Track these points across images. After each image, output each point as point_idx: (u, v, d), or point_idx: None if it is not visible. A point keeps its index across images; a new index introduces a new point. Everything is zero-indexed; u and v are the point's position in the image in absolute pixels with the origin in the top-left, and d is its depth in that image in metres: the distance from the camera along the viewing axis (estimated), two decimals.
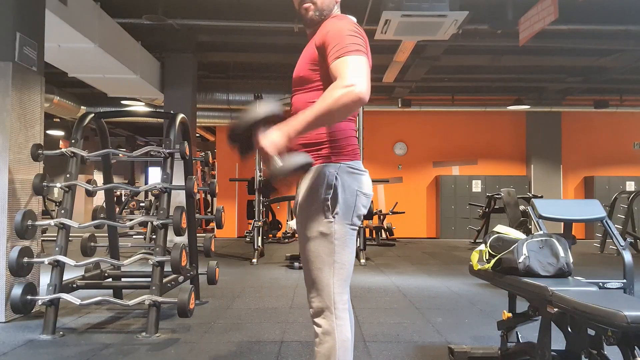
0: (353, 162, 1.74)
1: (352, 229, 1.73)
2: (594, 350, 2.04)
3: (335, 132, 1.72)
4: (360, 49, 1.58)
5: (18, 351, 3.08)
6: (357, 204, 1.72)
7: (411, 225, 11.96)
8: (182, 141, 4.02)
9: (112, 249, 4.46)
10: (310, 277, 1.73)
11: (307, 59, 1.75)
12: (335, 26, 1.66)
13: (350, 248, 1.74)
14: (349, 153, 1.74)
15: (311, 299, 1.73)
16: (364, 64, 1.56)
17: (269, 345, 3.23)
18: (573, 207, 2.85)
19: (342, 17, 1.75)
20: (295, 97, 1.79)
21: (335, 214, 1.68)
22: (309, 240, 1.72)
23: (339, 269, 1.70)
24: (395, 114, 11.75)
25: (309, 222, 1.71)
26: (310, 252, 1.72)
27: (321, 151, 1.72)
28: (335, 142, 1.72)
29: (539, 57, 8.33)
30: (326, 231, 1.69)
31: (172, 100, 8.06)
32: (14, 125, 3.86)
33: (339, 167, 1.71)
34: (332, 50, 1.59)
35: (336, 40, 1.59)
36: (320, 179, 1.69)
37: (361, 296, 4.84)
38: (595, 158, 12.35)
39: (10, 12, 3.87)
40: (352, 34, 1.62)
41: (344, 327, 1.69)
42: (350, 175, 1.72)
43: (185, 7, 6.55)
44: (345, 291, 1.73)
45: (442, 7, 5.03)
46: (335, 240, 1.69)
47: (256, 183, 7.94)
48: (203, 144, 16.85)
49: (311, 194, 1.71)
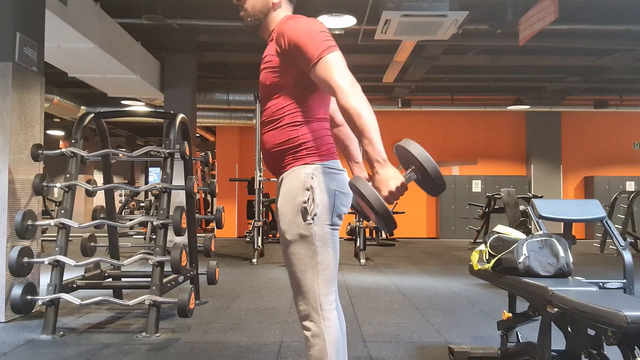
0: (330, 162, 1.73)
1: (332, 229, 1.71)
2: (594, 350, 2.04)
3: (307, 133, 1.72)
4: (333, 44, 1.62)
5: (18, 351, 3.08)
6: (336, 203, 1.71)
7: (411, 225, 11.96)
8: (182, 141, 4.02)
9: (112, 249, 4.46)
10: (295, 280, 1.72)
11: (269, 66, 1.74)
12: (302, 26, 1.65)
13: (333, 248, 1.72)
14: (325, 153, 1.73)
15: (297, 302, 1.72)
16: (340, 58, 1.60)
17: (268, 345, 3.23)
18: (573, 207, 2.85)
19: (299, 16, 1.74)
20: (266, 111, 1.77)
21: (313, 215, 1.67)
22: (290, 244, 1.70)
23: (323, 270, 1.69)
24: (395, 114, 11.76)
25: (288, 226, 1.70)
26: (292, 256, 1.70)
27: (297, 154, 1.71)
28: (309, 143, 1.71)
29: (539, 57, 8.33)
30: (306, 233, 1.67)
31: (172, 100, 8.06)
32: (14, 125, 3.86)
33: (315, 168, 1.70)
34: (308, 53, 1.59)
35: (309, 42, 1.60)
36: (297, 181, 1.69)
37: (361, 296, 4.84)
38: (595, 158, 12.36)
39: (10, 12, 3.87)
40: (322, 30, 1.64)
41: (333, 327, 1.68)
42: (328, 175, 1.71)
43: (185, 7, 6.55)
44: (331, 291, 1.72)
45: (442, 7, 5.03)
46: (316, 241, 1.68)
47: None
48: (203, 144, 16.86)
49: (289, 196, 1.70)
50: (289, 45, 1.63)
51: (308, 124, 1.72)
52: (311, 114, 1.73)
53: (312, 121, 1.73)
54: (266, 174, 7.87)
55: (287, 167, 1.73)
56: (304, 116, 1.72)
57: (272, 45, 1.73)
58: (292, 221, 1.69)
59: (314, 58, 1.59)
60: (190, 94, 8.15)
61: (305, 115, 1.72)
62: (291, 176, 1.71)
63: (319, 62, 1.58)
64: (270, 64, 1.73)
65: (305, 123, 1.72)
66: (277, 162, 1.76)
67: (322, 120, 1.77)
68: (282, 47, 1.66)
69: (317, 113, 1.75)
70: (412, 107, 11.11)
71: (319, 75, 1.59)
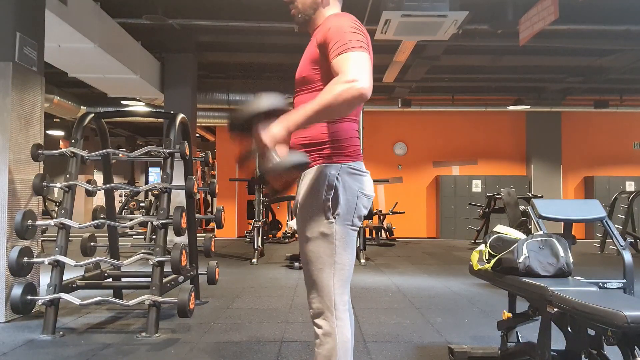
0: (355, 163, 1.73)
1: (352, 230, 1.73)
2: (594, 350, 2.04)
3: (337, 132, 1.72)
4: (362, 45, 1.57)
5: (18, 351, 3.08)
6: (358, 204, 1.72)
7: (411, 225, 11.96)
8: (182, 141, 4.02)
9: (112, 249, 4.46)
10: (311, 278, 1.72)
11: (308, 59, 1.75)
12: (335, 23, 1.65)
13: (351, 249, 1.73)
14: (351, 154, 1.73)
15: (311, 300, 1.72)
16: (365, 59, 1.55)
17: (269, 345, 3.23)
18: (573, 207, 2.85)
19: (343, 14, 1.74)
20: (298, 97, 1.79)
21: (336, 214, 1.68)
22: (309, 241, 1.71)
23: (340, 270, 1.70)
24: (395, 114, 11.75)
25: (309, 223, 1.71)
26: (311, 253, 1.71)
27: (323, 151, 1.71)
28: (337, 143, 1.71)
29: (539, 57, 8.33)
30: (327, 232, 1.68)
31: (172, 100, 8.05)
32: (14, 125, 3.86)
33: (341, 168, 1.70)
34: (333, 47, 1.58)
35: (337, 37, 1.59)
36: (322, 180, 1.69)
37: (361, 296, 4.84)
38: (595, 158, 12.35)
39: (10, 12, 3.87)
40: (352, 30, 1.61)
41: (345, 328, 1.69)
42: (352, 176, 1.71)
43: (185, 7, 6.55)
44: (346, 292, 1.73)
45: (442, 7, 5.03)
46: (336, 241, 1.69)
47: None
48: (203, 144, 16.85)
49: (312, 194, 1.70)
50: (325, 39, 1.64)
51: (338, 122, 1.72)
52: None
53: (343, 121, 1.73)
54: None
55: (312, 164, 1.72)
56: None
57: (314, 38, 1.74)
58: (314, 218, 1.69)
59: (338, 51, 1.56)
60: (190, 94, 8.14)
61: None
62: (315, 173, 1.71)
63: (341, 55, 1.55)
64: (308, 56, 1.75)
65: (336, 122, 1.72)
66: None
67: (352, 121, 1.77)
68: (320, 41, 1.67)
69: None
70: (412, 107, 11.11)
71: (336, 66, 1.55)
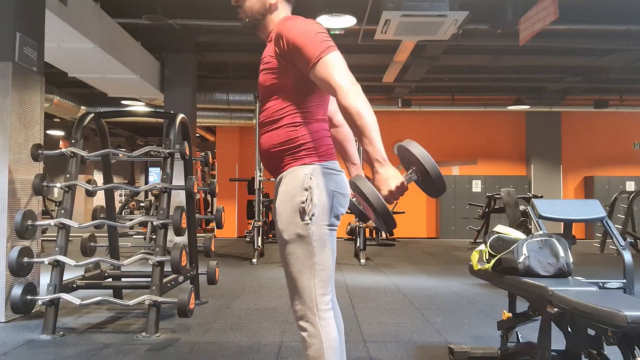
0: (328, 163, 1.73)
1: (330, 230, 1.72)
2: (594, 350, 2.04)
3: (307, 134, 1.72)
4: (332, 44, 1.62)
5: (18, 351, 3.08)
6: (334, 204, 1.71)
7: (411, 225, 11.96)
8: (182, 141, 4.02)
9: (112, 249, 4.46)
10: (291, 280, 1.71)
11: (268, 68, 1.74)
12: (299, 28, 1.64)
13: (330, 249, 1.72)
14: (324, 153, 1.73)
15: (294, 303, 1.72)
16: (340, 58, 1.60)
17: (268, 345, 3.23)
18: (573, 207, 2.85)
19: (296, 17, 1.73)
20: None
21: (311, 215, 1.67)
22: (287, 244, 1.70)
23: (320, 271, 1.69)
24: (395, 114, 11.75)
25: (286, 225, 1.70)
26: (289, 255, 1.70)
27: (296, 154, 1.71)
28: (308, 144, 1.71)
29: (539, 57, 8.34)
30: (303, 233, 1.67)
31: (172, 100, 8.06)
32: (14, 125, 3.86)
33: (314, 168, 1.70)
34: (308, 53, 1.59)
35: (308, 43, 1.60)
36: (296, 182, 1.69)
37: (361, 296, 4.84)
38: (595, 158, 12.36)
39: (10, 12, 3.87)
40: (319, 31, 1.64)
41: (329, 327, 1.68)
42: (326, 176, 1.71)
43: (185, 7, 6.55)
44: (328, 292, 1.72)
45: (442, 7, 5.03)
46: (314, 242, 1.68)
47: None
48: (203, 144, 16.85)
49: (287, 196, 1.70)
50: (288, 47, 1.63)
51: (307, 124, 1.73)
52: (310, 114, 1.73)
53: (312, 122, 1.73)
54: (266, 174, 7.87)
55: (286, 167, 1.73)
56: (303, 117, 1.72)
57: (271, 46, 1.73)
58: (290, 221, 1.69)
59: (313, 58, 1.59)
60: (190, 94, 8.15)
61: (304, 116, 1.72)
62: (290, 176, 1.71)
63: (318, 62, 1.58)
64: (269, 65, 1.73)
65: (304, 124, 1.72)
66: (275, 162, 1.76)
67: (321, 121, 1.78)
68: (281, 48, 1.66)
69: (317, 114, 1.75)
70: (412, 107, 11.12)
71: (318, 75, 1.59)
